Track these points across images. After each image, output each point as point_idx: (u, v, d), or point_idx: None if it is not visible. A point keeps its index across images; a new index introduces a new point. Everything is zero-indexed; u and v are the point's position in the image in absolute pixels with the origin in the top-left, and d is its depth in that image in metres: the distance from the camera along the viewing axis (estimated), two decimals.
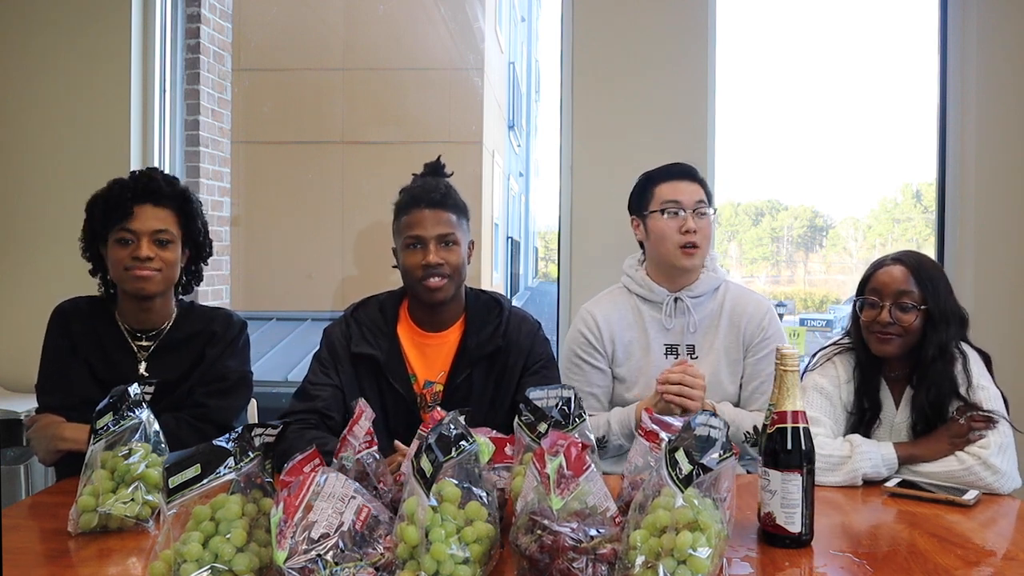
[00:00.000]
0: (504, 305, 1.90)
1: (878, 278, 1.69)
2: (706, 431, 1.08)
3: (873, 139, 6.94)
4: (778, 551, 1.25)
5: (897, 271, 1.67)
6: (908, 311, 1.64)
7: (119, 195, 1.74)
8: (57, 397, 1.76)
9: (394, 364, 1.82)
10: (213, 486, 1.06)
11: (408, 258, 1.79)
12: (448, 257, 1.77)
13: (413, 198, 1.81)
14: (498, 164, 8.08)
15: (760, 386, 1.91)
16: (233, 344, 1.87)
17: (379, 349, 1.82)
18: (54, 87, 2.93)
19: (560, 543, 1.05)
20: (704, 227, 1.92)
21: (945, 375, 1.65)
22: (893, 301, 1.65)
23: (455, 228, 1.79)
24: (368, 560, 1.07)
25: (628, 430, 1.83)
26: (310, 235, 6.25)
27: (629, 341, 1.98)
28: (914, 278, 1.65)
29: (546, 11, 12.24)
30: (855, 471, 1.58)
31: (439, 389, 1.83)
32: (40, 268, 2.92)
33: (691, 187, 1.94)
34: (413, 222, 1.78)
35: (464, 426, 1.14)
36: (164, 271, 1.76)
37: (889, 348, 1.67)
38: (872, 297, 1.68)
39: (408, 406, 1.81)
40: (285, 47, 6.34)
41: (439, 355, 1.85)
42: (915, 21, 5.52)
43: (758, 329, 1.94)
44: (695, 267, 1.95)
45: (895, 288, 1.66)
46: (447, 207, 1.80)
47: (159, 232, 1.75)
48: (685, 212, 1.91)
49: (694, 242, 1.90)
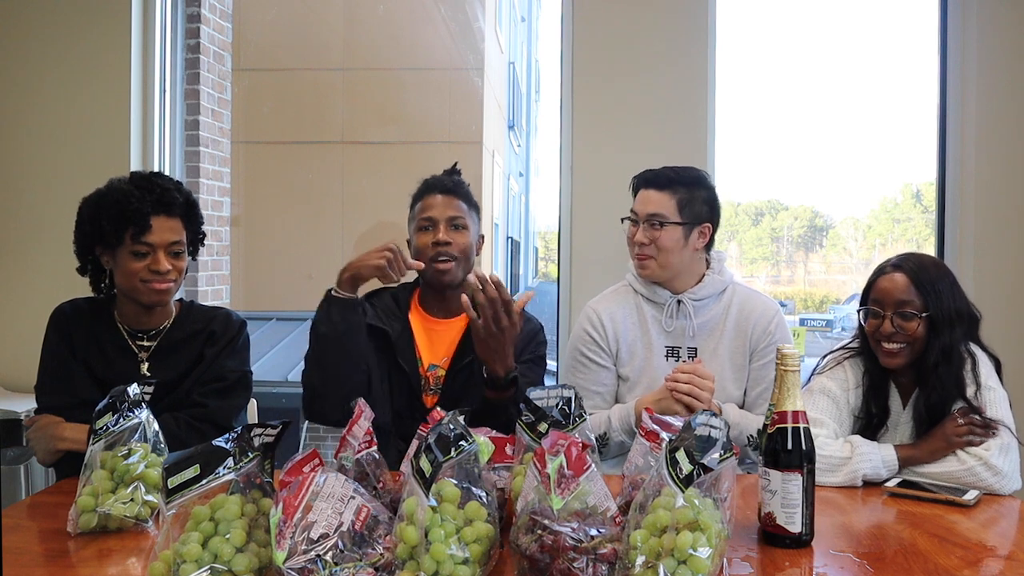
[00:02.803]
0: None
1: (879, 287, 1.68)
2: (706, 431, 1.08)
3: (873, 139, 6.95)
4: (778, 551, 1.24)
5: (897, 279, 1.65)
6: (910, 319, 1.63)
7: (137, 206, 1.70)
8: (57, 397, 1.75)
9: (403, 344, 1.90)
10: (212, 486, 1.06)
11: (420, 239, 1.88)
12: (457, 238, 1.86)
13: (427, 186, 1.93)
14: (498, 164, 8.08)
15: (764, 392, 1.89)
16: (232, 344, 1.86)
17: (391, 328, 1.90)
18: (54, 87, 2.93)
19: (560, 543, 1.05)
20: (657, 238, 1.87)
21: (950, 377, 1.63)
22: (894, 310, 1.64)
23: (465, 215, 1.89)
24: (367, 560, 1.06)
25: (628, 426, 1.82)
26: (310, 235, 6.26)
27: (633, 340, 1.97)
28: (914, 285, 1.63)
29: (546, 11, 12.26)
30: (855, 472, 1.58)
31: (442, 373, 1.89)
32: (40, 267, 2.92)
33: (653, 196, 1.90)
34: (426, 206, 1.89)
35: (464, 426, 1.14)
36: (178, 280, 1.79)
37: (897, 361, 1.66)
38: (874, 307, 1.67)
39: (412, 386, 1.88)
40: (285, 47, 6.34)
41: (444, 340, 1.92)
42: (915, 21, 5.53)
43: (764, 333, 1.92)
44: (650, 276, 1.93)
45: (895, 297, 1.64)
46: (459, 195, 1.91)
47: (173, 244, 1.76)
48: (639, 222, 1.90)
49: (645, 253, 1.90)
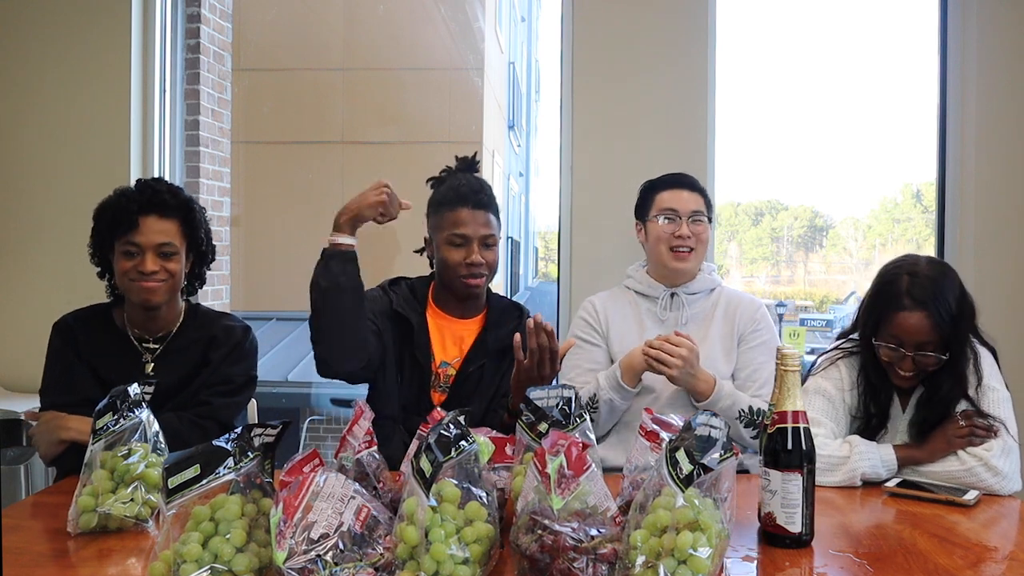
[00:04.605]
0: (524, 311, 2.04)
1: (900, 324, 1.60)
2: (707, 431, 1.08)
3: (873, 139, 6.94)
4: (778, 551, 1.24)
5: (920, 321, 1.58)
6: (930, 357, 1.61)
7: (125, 206, 1.76)
8: (60, 396, 1.76)
9: (421, 337, 1.92)
10: (212, 486, 1.06)
11: (451, 254, 1.88)
12: (488, 257, 1.90)
13: (460, 196, 1.90)
14: (498, 164, 8.08)
15: (752, 374, 1.99)
16: (238, 349, 1.88)
17: (413, 319, 1.93)
18: (54, 87, 2.93)
19: (560, 543, 1.05)
20: (699, 233, 2.04)
21: (953, 375, 1.64)
22: (915, 351, 1.61)
23: (495, 230, 1.92)
24: (368, 560, 1.06)
25: (615, 382, 1.91)
26: (310, 235, 6.24)
27: (624, 330, 2.08)
28: (937, 329, 1.58)
29: (546, 11, 12.24)
30: (854, 471, 1.58)
31: (452, 372, 1.92)
32: (40, 268, 2.92)
33: (689, 196, 2.06)
34: (459, 220, 1.88)
35: (464, 426, 1.14)
36: (169, 282, 1.79)
37: (911, 383, 1.68)
38: (892, 344, 1.63)
39: (422, 381, 1.91)
40: (285, 47, 6.33)
41: (458, 340, 1.96)
42: (915, 21, 5.53)
43: (751, 321, 2.05)
44: (686, 270, 2.06)
45: (917, 339, 1.60)
46: (490, 209, 1.92)
47: (163, 245, 1.77)
48: (681, 219, 2.03)
49: (688, 246, 2.03)
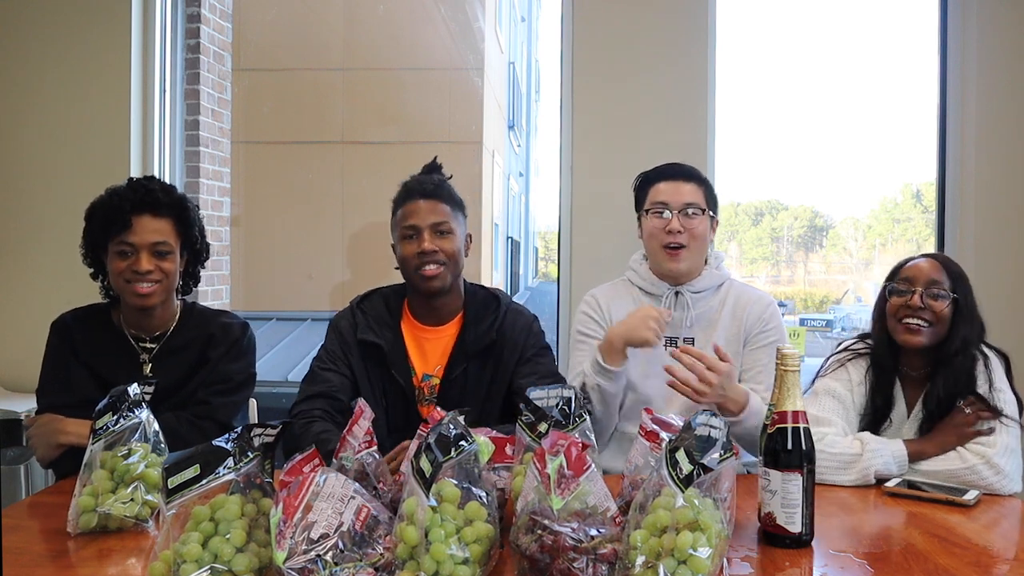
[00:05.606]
0: (502, 301, 1.91)
1: (909, 269, 1.73)
2: (706, 431, 1.08)
3: (873, 139, 6.95)
4: (778, 551, 1.24)
5: (928, 263, 1.72)
6: (939, 299, 1.67)
7: (117, 206, 1.74)
8: (58, 397, 1.75)
9: (396, 356, 1.85)
10: (212, 486, 1.06)
11: (404, 248, 1.82)
12: (443, 245, 1.80)
13: (408, 191, 1.86)
14: (498, 164, 8.08)
15: (756, 375, 1.90)
16: (236, 346, 1.87)
17: (384, 339, 1.85)
18: (54, 87, 2.93)
19: (560, 543, 1.05)
20: (693, 228, 1.90)
21: (964, 370, 1.66)
22: (925, 288, 1.68)
23: (449, 218, 1.82)
24: (368, 560, 1.06)
25: (598, 367, 1.81)
26: (310, 235, 6.24)
27: None
28: (945, 270, 1.70)
29: (546, 11, 12.26)
30: (867, 469, 1.58)
31: (436, 383, 1.85)
32: (40, 268, 2.92)
33: (684, 187, 1.92)
34: (408, 213, 1.82)
35: (464, 426, 1.14)
36: (164, 281, 1.77)
37: (918, 340, 1.67)
38: (902, 285, 1.71)
39: (407, 398, 1.84)
40: (285, 47, 6.33)
41: (436, 349, 1.87)
42: (915, 21, 5.53)
43: (759, 321, 1.93)
44: (680, 271, 1.93)
45: (927, 276, 1.69)
46: (441, 198, 1.83)
47: (157, 244, 1.75)
48: (671, 212, 1.90)
49: (678, 242, 1.89)
